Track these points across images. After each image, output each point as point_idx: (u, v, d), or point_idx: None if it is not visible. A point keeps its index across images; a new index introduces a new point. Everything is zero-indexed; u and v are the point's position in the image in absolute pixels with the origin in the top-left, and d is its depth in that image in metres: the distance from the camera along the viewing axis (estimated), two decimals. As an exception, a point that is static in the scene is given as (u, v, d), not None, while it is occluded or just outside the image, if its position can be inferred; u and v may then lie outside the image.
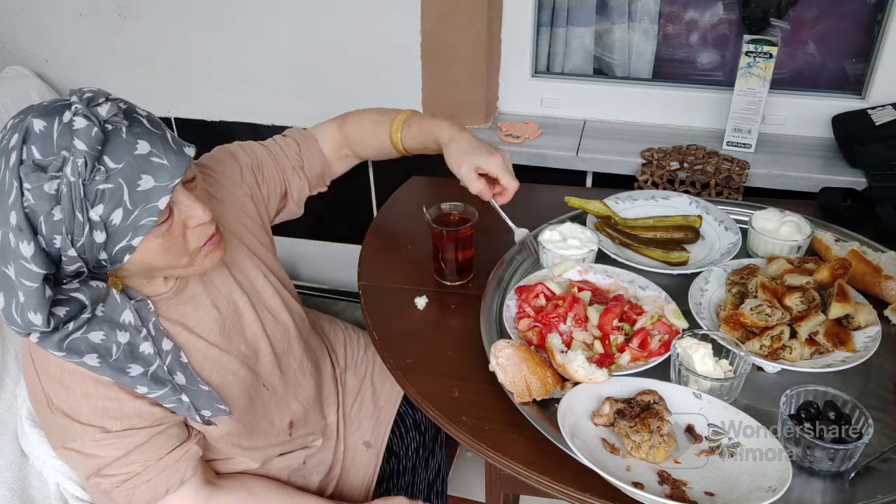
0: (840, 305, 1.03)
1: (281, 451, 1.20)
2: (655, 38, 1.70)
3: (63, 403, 0.93)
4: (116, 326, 0.93)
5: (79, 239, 0.82)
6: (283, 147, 1.25)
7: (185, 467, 1.01)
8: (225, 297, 1.08)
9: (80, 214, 0.81)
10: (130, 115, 0.85)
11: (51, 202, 0.80)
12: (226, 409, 1.04)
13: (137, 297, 0.97)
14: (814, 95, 1.58)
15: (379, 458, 1.34)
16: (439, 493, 1.51)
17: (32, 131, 0.81)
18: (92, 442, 0.94)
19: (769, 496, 0.79)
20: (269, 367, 1.15)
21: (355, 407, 1.35)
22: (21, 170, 0.80)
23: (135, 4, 1.75)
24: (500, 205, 1.20)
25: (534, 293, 1.13)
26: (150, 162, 0.83)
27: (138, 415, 0.96)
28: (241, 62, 1.77)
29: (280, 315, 1.18)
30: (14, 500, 1.29)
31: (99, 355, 0.91)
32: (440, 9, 1.56)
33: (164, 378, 0.97)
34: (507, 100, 1.75)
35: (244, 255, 1.13)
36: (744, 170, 1.48)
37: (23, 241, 0.81)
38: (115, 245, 0.85)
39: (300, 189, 1.27)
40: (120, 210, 0.82)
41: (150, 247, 0.88)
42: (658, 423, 0.89)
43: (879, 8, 1.51)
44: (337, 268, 2.05)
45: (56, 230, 0.82)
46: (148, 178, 0.83)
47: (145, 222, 0.84)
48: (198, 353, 1.03)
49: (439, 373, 1.06)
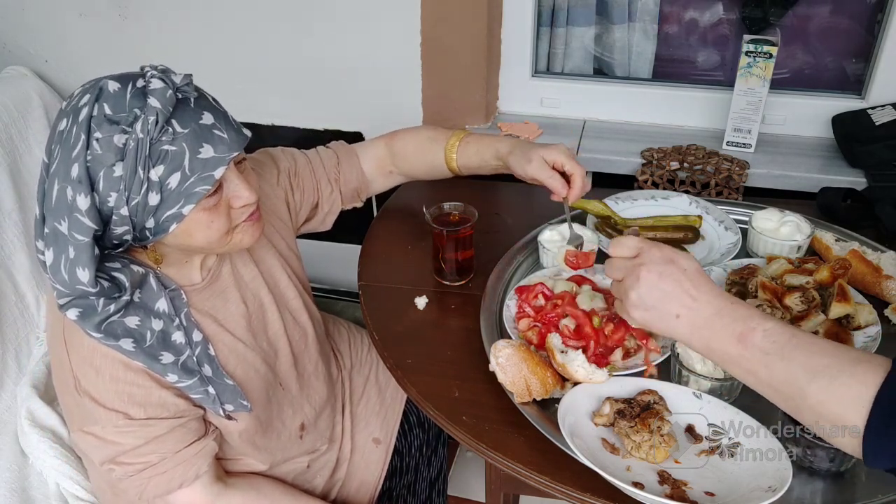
0: (840, 305, 1.03)
1: (288, 457, 1.20)
2: (655, 37, 1.70)
3: (91, 386, 0.94)
4: (151, 314, 0.95)
5: (134, 197, 0.85)
6: (322, 158, 1.27)
7: (201, 462, 1.01)
8: (252, 293, 1.11)
9: (142, 171, 0.84)
10: (199, 90, 0.91)
11: (116, 156, 0.83)
12: (248, 404, 1.05)
13: (172, 286, 0.99)
14: (814, 95, 1.57)
15: (388, 454, 1.34)
16: (440, 491, 1.51)
17: (106, 90, 0.85)
18: (113, 428, 0.95)
19: (769, 496, 0.79)
20: (287, 367, 1.17)
21: (361, 405, 1.35)
22: (93, 121, 0.83)
23: (135, 4, 1.75)
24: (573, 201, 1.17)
25: (534, 293, 1.13)
26: (212, 133, 0.87)
27: (162, 405, 0.97)
28: (241, 62, 1.77)
29: (300, 317, 1.20)
30: (14, 500, 1.29)
31: (134, 340, 0.92)
32: (440, 9, 1.56)
33: (194, 368, 0.99)
34: (507, 100, 1.75)
35: (272, 254, 1.16)
36: (744, 170, 1.48)
37: (80, 193, 0.84)
38: (165, 211, 0.87)
39: (332, 202, 1.28)
40: (178, 174, 0.86)
41: (195, 219, 0.90)
42: (658, 423, 0.89)
43: (879, 8, 1.51)
44: (337, 268, 2.05)
45: (113, 187, 0.84)
46: (208, 148, 0.87)
47: (199, 190, 0.87)
48: (224, 346, 1.05)
49: (439, 373, 1.06)
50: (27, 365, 1.52)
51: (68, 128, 0.85)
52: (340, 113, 1.79)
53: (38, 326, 1.59)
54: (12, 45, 1.89)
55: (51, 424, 1.37)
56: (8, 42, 1.89)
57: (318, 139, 1.82)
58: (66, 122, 0.85)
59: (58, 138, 0.86)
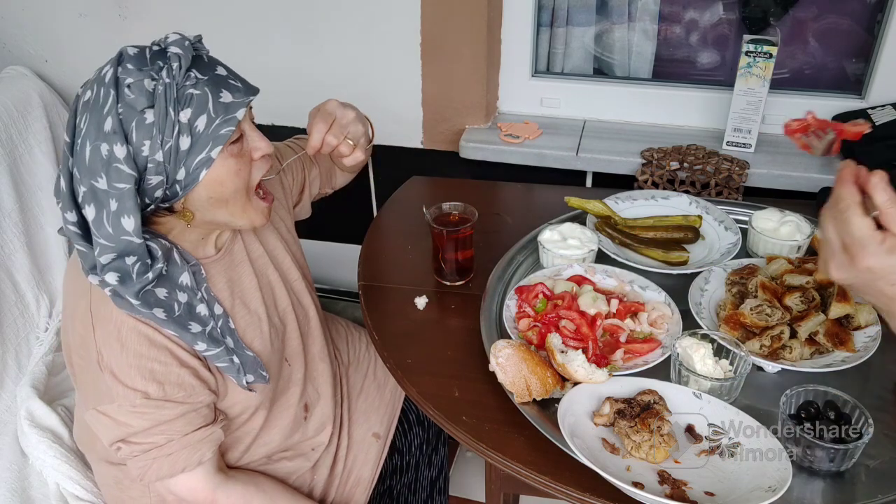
0: (840, 305, 1.03)
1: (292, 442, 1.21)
2: (655, 37, 1.70)
3: (114, 361, 0.96)
4: (176, 287, 0.98)
5: (168, 141, 0.88)
6: (300, 143, 1.32)
7: (205, 448, 1.02)
8: (261, 269, 1.15)
9: (173, 113, 0.88)
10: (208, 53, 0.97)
11: (147, 100, 0.87)
12: (266, 375, 1.08)
13: (192, 260, 1.02)
14: (814, 95, 1.57)
15: (385, 449, 1.35)
16: (441, 489, 1.51)
17: (126, 54, 0.89)
18: (129, 407, 0.97)
19: (769, 496, 0.79)
20: (295, 344, 1.20)
21: (360, 400, 1.36)
22: (119, 76, 0.87)
23: (135, 4, 1.75)
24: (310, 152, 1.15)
25: (534, 293, 1.13)
26: (227, 82, 0.93)
27: (180, 384, 0.99)
28: (241, 62, 1.76)
29: (303, 299, 1.23)
30: (14, 500, 1.29)
31: (165, 310, 0.95)
32: (440, 9, 1.56)
33: (219, 338, 1.02)
34: (507, 100, 1.75)
35: (275, 237, 1.20)
36: (744, 170, 1.48)
37: (116, 143, 0.87)
38: (196, 156, 0.91)
39: (313, 184, 1.33)
40: (204, 116, 0.90)
41: (224, 165, 0.94)
42: (658, 423, 0.89)
43: (879, 8, 1.51)
44: (337, 268, 2.05)
45: (146, 134, 0.88)
46: (227, 94, 0.92)
47: (225, 132, 0.91)
48: (241, 318, 1.08)
49: (439, 373, 1.06)
50: (27, 365, 1.52)
51: (95, 94, 0.89)
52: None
53: (38, 326, 1.59)
54: (12, 45, 1.89)
55: (51, 424, 1.37)
56: (8, 42, 1.89)
57: (318, 139, 1.82)
58: (91, 92, 0.89)
59: (83, 108, 0.89)
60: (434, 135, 1.73)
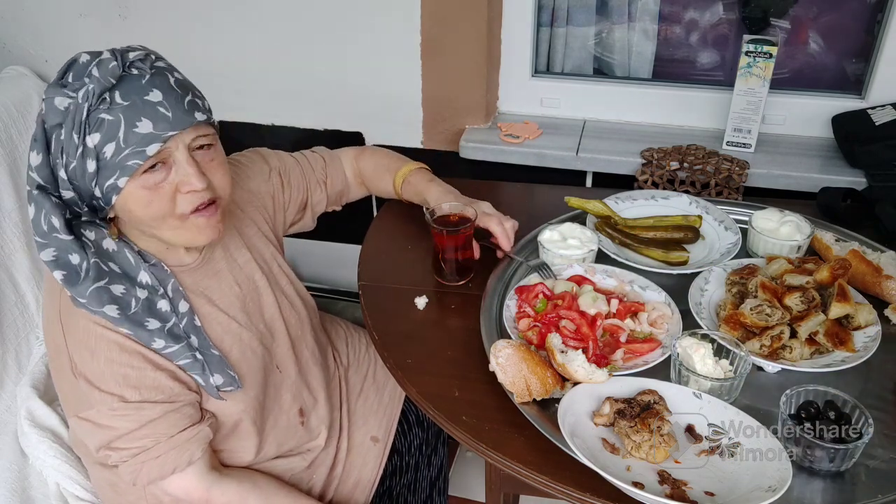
0: (840, 305, 1.03)
1: (290, 447, 1.21)
2: (655, 37, 1.70)
3: (87, 369, 0.96)
4: (135, 284, 0.98)
5: (71, 161, 0.90)
6: (310, 160, 1.32)
7: (194, 448, 1.02)
8: (246, 275, 1.14)
9: (76, 136, 0.88)
10: (159, 69, 0.93)
11: (59, 117, 0.89)
12: (235, 375, 1.06)
13: (152, 260, 1.02)
14: (814, 95, 1.57)
15: (385, 452, 1.34)
16: (441, 490, 1.51)
17: (77, 61, 0.91)
18: (108, 411, 0.96)
19: (769, 496, 0.79)
20: (284, 350, 1.19)
21: (359, 403, 1.36)
22: (49, 86, 0.90)
23: (135, 4, 1.75)
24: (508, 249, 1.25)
25: (534, 293, 1.13)
26: (156, 110, 0.89)
27: (157, 387, 0.99)
28: (241, 62, 1.77)
29: (295, 302, 1.23)
30: (14, 500, 1.29)
31: (119, 307, 0.95)
32: (440, 9, 1.56)
33: (180, 335, 1.01)
34: (507, 100, 1.75)
35: (263, 242, 1.20)
36: (744, 170, 1.48)
37: (34, 150, 0.91)
38: (105, 180, 0.90)
39: (319, 202, 1.34)
40: (112, 144, 0.89)
41: (134, 194, 0.92)
42: (658, 423, 0.89)
43: (879, 7, 1.51)
44: (337, 268, 2.05)
45: (58, 149, 0.90)
46: (147, 123, 0.89)
47: (132, 163, 0.89)
48: (219, 325, 1.08)
49: (439, 373, 1.06)
50: (27, 365, 1.52)
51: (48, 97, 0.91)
52: (340, 113, 1.78)
53: (38, 326, 1.59)
54: (12, 45, 1.89)
55: (51, 424, 1.37)
56: (8, 42, 1.89)
57: (318, 139, 1.82)
58: None
59: None
60: (434, 135, 1.73)
